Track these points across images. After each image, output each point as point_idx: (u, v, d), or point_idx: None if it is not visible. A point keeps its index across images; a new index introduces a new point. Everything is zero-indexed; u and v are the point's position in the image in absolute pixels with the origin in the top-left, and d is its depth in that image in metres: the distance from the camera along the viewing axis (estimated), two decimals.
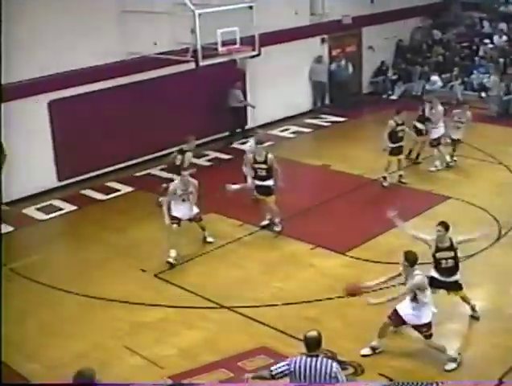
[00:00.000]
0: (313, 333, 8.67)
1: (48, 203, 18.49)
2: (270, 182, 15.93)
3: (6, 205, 18.22)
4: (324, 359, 8.64)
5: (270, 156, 15.83)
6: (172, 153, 17.50)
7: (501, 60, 26.50)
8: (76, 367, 8.97)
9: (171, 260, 14.77)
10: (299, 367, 8.57)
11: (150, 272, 14.62)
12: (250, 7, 18.50)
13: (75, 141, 19.15)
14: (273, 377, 8.80)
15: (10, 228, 17.24)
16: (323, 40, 25.85)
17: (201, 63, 17.84)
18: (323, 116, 24.93)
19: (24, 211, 18.13)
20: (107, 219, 17.40)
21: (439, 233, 12.06)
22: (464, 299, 12.59)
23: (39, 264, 15.29)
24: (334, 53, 26.29)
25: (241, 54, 18.89)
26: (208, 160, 21.25)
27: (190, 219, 15.39)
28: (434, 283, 12.07)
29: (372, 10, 26.55)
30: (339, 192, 18.08)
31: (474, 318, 12.62)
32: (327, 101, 26.25)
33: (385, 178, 18.49)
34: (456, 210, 16.87)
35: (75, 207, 18.28)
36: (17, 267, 15.17)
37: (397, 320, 11.52)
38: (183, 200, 15.14)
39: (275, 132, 23.29)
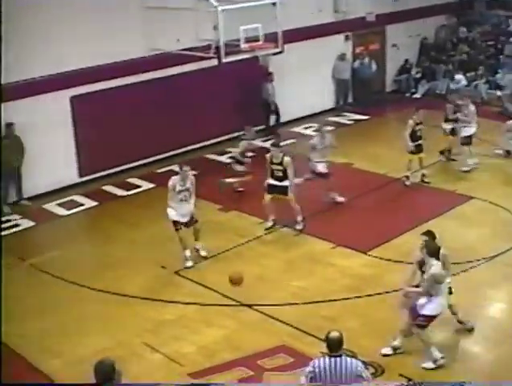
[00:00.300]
0: (335, 333, 8.53)
1: (69, 198, 18.55)
2: (286, 183, 15.85)
3: (28, 200, 18.31)
4: (348, 359, 8.52)
5: (286, 158, 15.74)
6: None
7: None
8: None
9: (203, 253, 15.00)
10: (324, 368, 8.41)
11: (170, 269, 14.60)
12: (274, 4, 18.42)
13: (96, 137, 19.18)
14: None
15: (31, 223, 17.33)
16: (346, 37, 25.75)
17: (224, 60, 17.81)
18: (345, 114, 24.85)
19: (45, 206, 18.20)
20: (128, 215, 17.42)
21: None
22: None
23: (60, 260, 15.32)
24: (358, 51, 26.17)
25: (263, 51, 18.83)
26: (230, 157, 21.16)
27: (187, 224, 14.82)
28: None
29: (396, 8, 26.38)
30: (361, 191, 17.98)
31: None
32: (350, 99, 26.15)
33: (407, 177, 18.37)
34: (478, 210, 16.75)
35: (96, 203, 18.32)
36: (37, 262, 15.23)
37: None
38: (181, 200, 14.67)
39: (298, 129, 23.23)
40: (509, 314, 13.04)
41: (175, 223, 14.70)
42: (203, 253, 15.07)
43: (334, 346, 8.49)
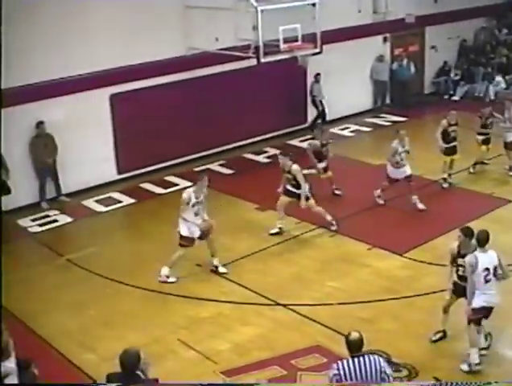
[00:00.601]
0: (356, 334, 8.50)
1: (107, 195, 18.70)
2: (299, 191, 15.78)
3: (67, 196, 18.49)
4: (370, 356, 8.45)
5: (293, 167, 15.57)
6: None
7: None
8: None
9: (222, 269, 14.45)
10: (349, 369, 8.34)
11: (206, 267, 14.66)
12: (313, 4, 18.42)
13: (135, 135, 19.33)
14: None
15: (69, 219, 17.50)
16: (385, 39, 25.68)
17: (263, 60, 17.82)
18: (383, 115, 24.78)
19: (83, 202, 18.36)
20: (165, 213, 17.46)
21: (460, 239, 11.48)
22: None
23: (97, 256, 15.44)
24: (396, 52, 26.10)
25: (302, 51, 18.81)
26: (267, 157, 21.24)
27: (200, 238, 14.24)
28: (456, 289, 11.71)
29: (435, 10, 26.26)
30: (397, 192, 17.90)
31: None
32: (387, 101, 26.09)
33: (445, 179, 18.31)
34: None
35: (133, 200, 18.45)
36: (74, 258, 15.37)
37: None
38: (196, 214, 14.03)
39: (335, 130, 23.20)
40: None
41: (186, 238, 14.16)
42: (222, 270, 14.41)
43: (355, 348, 8.45)
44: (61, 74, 17.84)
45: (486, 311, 11.06)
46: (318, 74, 23.06)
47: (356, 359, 8.38)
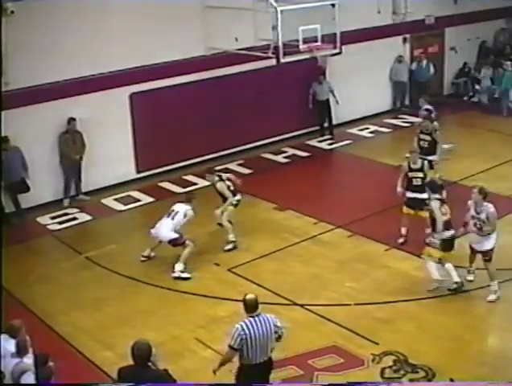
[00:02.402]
0: (251, 296, 9.61)
1: (126, 194, 18.77)
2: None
3: (86, 195, 18.58)
4: (264, 316, 9.53)
5: (218, 185, 15.76)
6: None
7: None
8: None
9: (183, 274, 14.52)
10: (252, 328, 9.37)
11: (223, 266, 14.72)
12: (333, 5, 18.42)
13: (154, 134, 19.41)
14: (236, 349, 9.48)
15: (89, 217, 17.59)
16: (404, 40, 25.64)
17: (282, 60, 17.85)
18: (402, 116, 24.73)
19: (103, 201, 18.45)
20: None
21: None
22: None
23: (116, 254, 15.53)
24: (416, 53, 26.05)
25: (322, 52, 18.82)
26: (286, 157, 21.26)
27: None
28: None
29: (455, 11, 26.20)
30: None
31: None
32: (407, 102, 26.04)
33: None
34: None
35: (152, 199, 18.51)
36: (93, 256, 15.46)
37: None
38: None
39: (354, 130, 23.22)
40: None
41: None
42: (183, 275, 14.48)
43: (251, 307, 9.52)
44: (82, 73, 17.94)
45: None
46: (320, 76, 22.70)
47: (254, 319, 9.46)
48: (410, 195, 15.44)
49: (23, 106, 16.82)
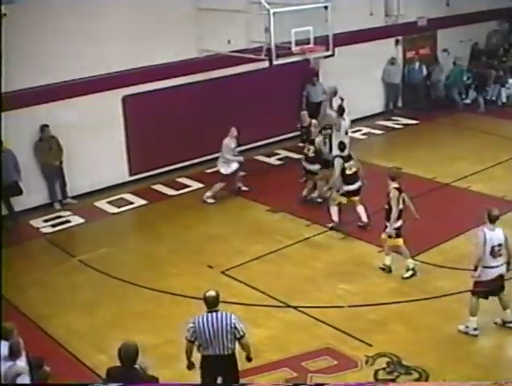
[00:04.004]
0: (212, 292, 9.86)
1: (119, 196, 18.74)
2: None
3: (74, 198, 18.55)
4: (224, 313, 9.75)
5: None
6: None
7: None
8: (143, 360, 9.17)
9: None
10: (203, 323, 9.69)
11: (217, 268, 14.72)
12: (325, 7, 18.44)
13: (147, 137, 19.40)
14: (191, 342, 9.89)
15: (81, 220, 17.56)
16: (397, 42, 25.68)
17: (275, 62, 17.84)
18: (395, 118, 24.77)
19: (96, 203, 18.43)
20: (177, 214, 17.57)
21: None
22: None
23: (109, 257, 15.51)
24: (408, 55, 26.08)
25: (314, 54, 18.83)
26: (279, 159, 21.28)
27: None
28: None
29: (447, 13, 26.23)
30: (409, 195, 17.90)
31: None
32: (399, 103, 26.08)
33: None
34: None
35: (145, 202, 18.50)
36: (87, 259, 15.44)
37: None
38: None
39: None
40: None
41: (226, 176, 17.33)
42: None
43: (211, 304, 9.79)
44: (74, 76, 17.92)
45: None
46: (313, 77, 22.88)
47: (210, 314, 9.74)
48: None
49: (14, 109, 16.75)
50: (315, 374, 11.18)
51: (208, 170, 20.25)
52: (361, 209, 16.38)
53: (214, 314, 9.76)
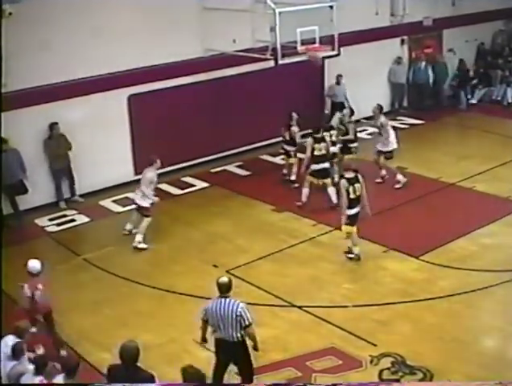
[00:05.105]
0: (225, 279, 10.21)
1: (124, 195, 18.70)
2: None
3: (81, 197, 18.58)
4: (233, 300, 10.03)
5: None
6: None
7: None
8: (146, 359, 9.26)
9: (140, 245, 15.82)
10: (213, 306, 10.06)
11: (222, 267, 14.69)
12: (331, 7, 18.42)
13: (152, 136, 19.37)
14: (203, 320, 10.33)
15: (87, 219, 17.58)
16: (402, 41, 25.66)
17: (280, 62, 17.82)
18: (400, 118, 24.72)
19: (101, 202, 18.44)
20: (182, 213, 17.58)
21: None
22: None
23: (114, 256, 15.52)
24: (414, 55, 26.06)
25: (320, 53, 18.77)
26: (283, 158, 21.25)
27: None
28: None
29: (453, 12, 26.20)
30: (414, 195, 17.92)
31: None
32: (405, 103, 26.05)
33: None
34: None
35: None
36: (92, 257, 15.45)
37: None
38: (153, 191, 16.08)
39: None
40: None
41: (147, 209, 15.95)
42: (140, 245, 15.85)
43: (222, 289, 10.11)
44: (80, 74, 17.94)
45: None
46: (340, 75, 23.14)
47: (220, 299, 10.05)
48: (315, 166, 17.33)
49: (20, 108, 16.78)
50: (320, 374, 11.18)
51: (213, 170, 20.28)
52: (331, 190, 17.15)
53: (223, 299, 10.03)
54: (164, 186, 19.32)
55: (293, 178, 19.00)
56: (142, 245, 15.82)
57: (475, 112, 25.37)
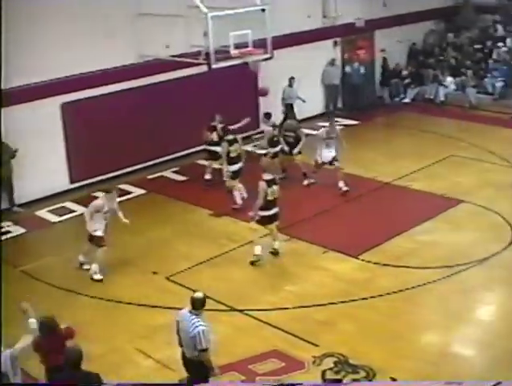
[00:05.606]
0: (200, 294, 10.12)
1: (61, 205, 18.51)
2: None
3: (19, 207, 18.32)
4: (195, 320, 9.87)
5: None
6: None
7: None
8: (88, 369, 9.09)
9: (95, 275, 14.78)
10: (181, 318, 10.07)
11: (162, 274, 14.63)
12: (263, 10, 18.46)
13: (87, 144, 19.21)
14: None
15: (23, 230, 17.32)
16: (335, 43, 25.84)
17: (214, 66, 17.79)
18: (336, 119, 24.81)
19: (37, 213, 18.20)
20: (119, 221, 17.39)
21: None
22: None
23: (52, 267, 15.33)
24: (347, 56, 26.24)
25: (253, 57, 18.81)
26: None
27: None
28: None
29: (385, 13, 26.48)
30: (351, 195, 18.06)
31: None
32: (339, 104, 26.23)
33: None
34: (468, 214, 16.83)
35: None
36: (29, 269, 15.23)
37: None
38: (105, 220, 14.95)
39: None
40: (499, 315, 13.13)
41: (102, 238, 14.87)
42: (96, 277, 14.75)
43: (193, 304, 10.02)
44: (11, 83, 17.64)
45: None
46: (292, 78, 23.40)
47: (189, 314, 9.98)
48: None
49: None
50: (263, 377, 11.16)
51: (150, 176, 20.16)
52: (237, 193, 17.58)
53: (189, 315, 9.98)
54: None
55: (208, 177, 19.39)
56: (98, 277, 14.69)
57: (409, 111, 25.67)
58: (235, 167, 17.78)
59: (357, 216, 17.09)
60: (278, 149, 19.23)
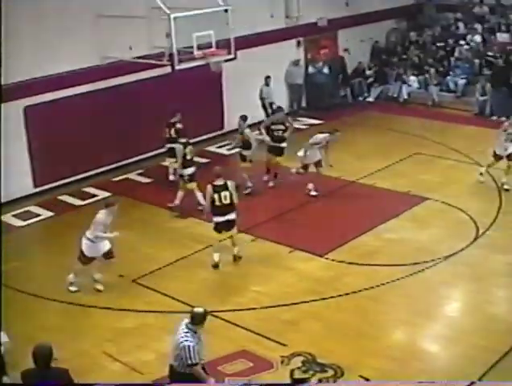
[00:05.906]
0: (200, 309, 9.90)
1: (25, 209, 18.36)
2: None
3: None
4: (183, 334, 9.69)
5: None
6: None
7: (477, 61, 26.61)
8: None
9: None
10: (179, 329, 9.82)
11: (128, 277, 14.57)
12: (226, 10, 18.47)
13: (51, 147, 19.07)
14: None
15: None
16: (298, 43, 25.89)
17: (177, 67, 17.78)
18: (299, 118, 24.89)
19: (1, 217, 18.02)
20: (85, 224, 17.21)
21: None
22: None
23: (17, 272, 15.15)
24: (310, 56, 26.30)
25: (216, 57, 18.81)
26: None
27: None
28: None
29: (347, 13, 26.61)
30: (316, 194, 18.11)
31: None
32: (303, 104, 26.29)
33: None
34: (433, 211, 16.97)
35: (52, 213, 18.17)
36: None
37: None
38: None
39: (253, 134, 23.23)
40: (464, 312, 13.26)
41: (88, 258, 14.30)
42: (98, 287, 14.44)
43: (192, 319, 9.83)
44: None
45: None
46: (268, 77, 23.59)
47: (183, 325, 9.83)
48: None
49: None
50: (232, 377, 11.16)
51: (115, 179, 20.07)
52: (199, 194, 17.22)
53: (184, 328, 9.83)
54: (65, 198, 19.06)
55: (172, 178, 19.35)
56: (73, 288, 14.39)
57: (372, 110, 25.81)
58: (190, 170, 17.56)
59: (322, 215, 17.15)
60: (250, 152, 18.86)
